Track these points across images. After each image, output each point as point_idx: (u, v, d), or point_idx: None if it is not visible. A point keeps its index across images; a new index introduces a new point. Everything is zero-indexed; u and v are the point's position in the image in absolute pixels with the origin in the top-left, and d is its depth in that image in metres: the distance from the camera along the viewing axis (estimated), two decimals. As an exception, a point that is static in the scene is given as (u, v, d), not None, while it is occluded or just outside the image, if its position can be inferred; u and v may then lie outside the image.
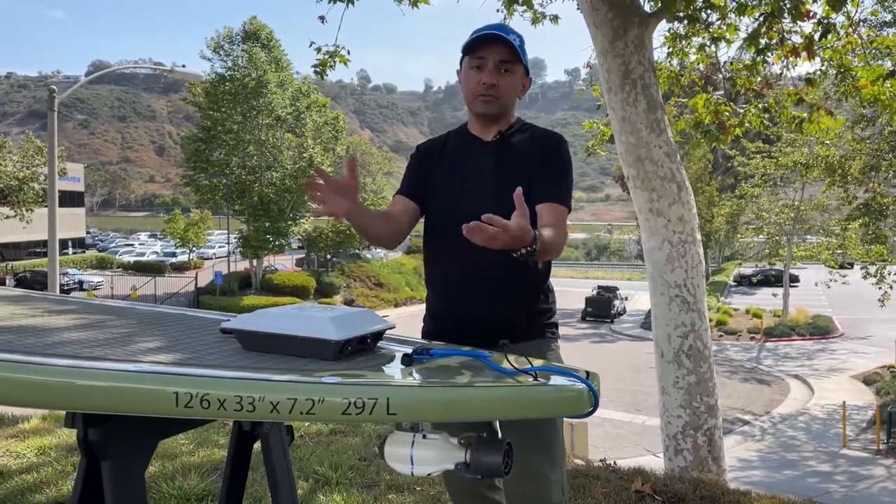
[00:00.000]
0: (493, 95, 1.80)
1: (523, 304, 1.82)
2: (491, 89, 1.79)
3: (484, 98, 1.81)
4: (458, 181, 1.86)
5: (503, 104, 1.83)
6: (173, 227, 41.71)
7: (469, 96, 1.84)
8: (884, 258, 18.00)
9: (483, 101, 1.82)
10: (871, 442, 13.28)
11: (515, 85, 1.83)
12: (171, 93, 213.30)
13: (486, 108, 1.83)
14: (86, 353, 1.38)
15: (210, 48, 30.29)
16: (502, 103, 1.83)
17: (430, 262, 1.92)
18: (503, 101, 1.82)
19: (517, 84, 1.84)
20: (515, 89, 1.84)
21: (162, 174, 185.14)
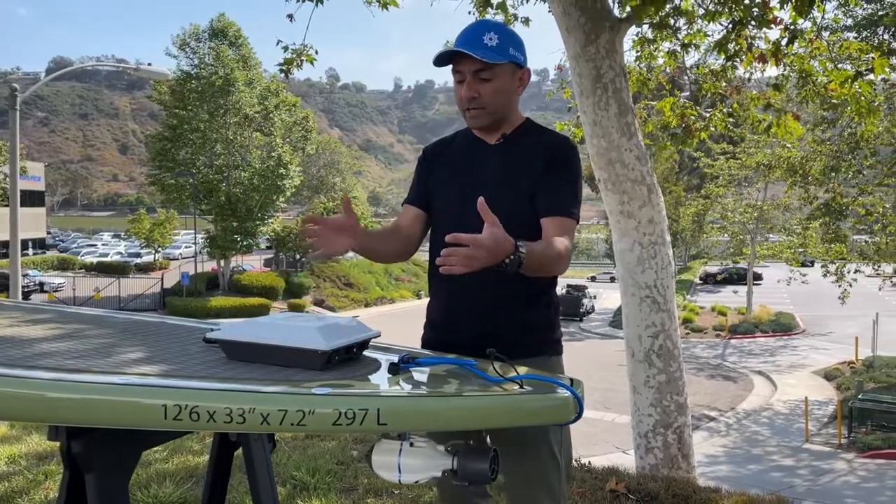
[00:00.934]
0: (478, 107, 1.74)
1: (521, 318, 1.76)
2: (472, 102, 1.74)
3: (470, 113, 1.77)
4: (459, 186, 1.81)
5: (492, 112, 1.76)
6: (138, 227, 41.01)
7: (460, 110, 1.80)
8: (843, 257, 18.45)
9: (470, 116, 1.78)
10: (832, 436, 13.61)
11: (501, 89, 1.74)
12: (134, 90, 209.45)
13: (473, 122, 1.79)
14: (68, 364, 1.36)
15: (176, 45, 29.83)
16: (490, 111, 1.76)
17: (431, 269, 1.85)
18: (490, 109, 1.75)
19: (504, 86, 1.75)
20: (503, 92, 1.75)
21: (125, 173, 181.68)
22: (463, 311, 1.77)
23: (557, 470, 1.72)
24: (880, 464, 11.52)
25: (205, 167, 29.86)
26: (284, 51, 5.80)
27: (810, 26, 6.09)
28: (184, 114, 29.32)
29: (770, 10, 5.16)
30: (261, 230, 31.78)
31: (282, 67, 5.78)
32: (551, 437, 1.70)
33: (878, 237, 17.70)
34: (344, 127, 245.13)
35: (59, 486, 1.40)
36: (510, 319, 1.74)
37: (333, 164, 55.12)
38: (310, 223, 1.61)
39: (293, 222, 36.56)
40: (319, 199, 45.89)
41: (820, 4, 5.19)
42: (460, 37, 1.75)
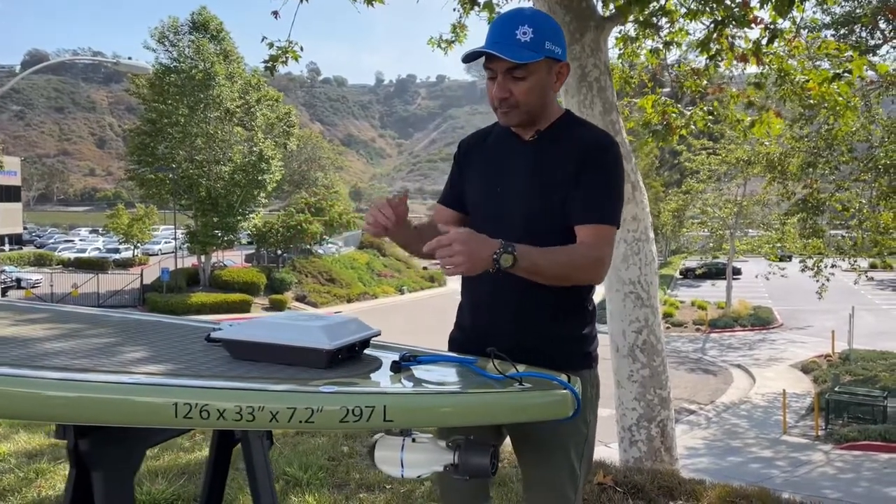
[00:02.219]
0: (509, 107, 1.66)
1: (550, 327, 1.68)
2: (503, 102, 1.65)
3: (501, 111, 1.68)
4: (491, 183, 1.75)
5: (524, 111, 1.67)
6: (116, 222, 40.57)
7: (491, 106, 1.72)
8: (821, 252, 18.73)
9: (502, 114, 1.69)
10: (809, 428, 13.86)
11: (536, 86, 1.64)
12: (111, 83, 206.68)
13: (505, 119, 1.71)
14: (75, 364, 1.38)
15: (154, 38, 29.49)
16: (522, 111, 1.67)
17: None
18: (523, 108, 1.66)
19: (539, 84, 1.64)
20: (538, 90, 1.65)
21: (103, 167, 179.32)
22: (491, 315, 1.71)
23: (574, 483, 1.69)
24: (857, 455, 11.76)
25: (185, 162, 29.58)
26: (270, 47, 5.80)
27: (790, 26, 6.20)
28: (163, 108, 29.01)
29: (750, 9, 5.25)
30: (242, 225, 31.57)
31: (267, 64, 5.76)
32: (570, 445, 1.68)
33: (854, 232, 17.98)
34: (325, 121, 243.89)
35: (65, 484, 1.43)
36: (541, 328, 1.67)
37: (315, 159, 54.89)
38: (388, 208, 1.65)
39: (275, 217, 36.38)
40: (301, 194, 45.68)
41: (799, 5, 5.29)
42: (492, 31, 1.65)
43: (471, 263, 1.44)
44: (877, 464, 11.18)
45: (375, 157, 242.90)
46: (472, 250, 1.44)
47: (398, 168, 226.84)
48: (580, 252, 1.60)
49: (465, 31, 7.37)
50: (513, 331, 1.65)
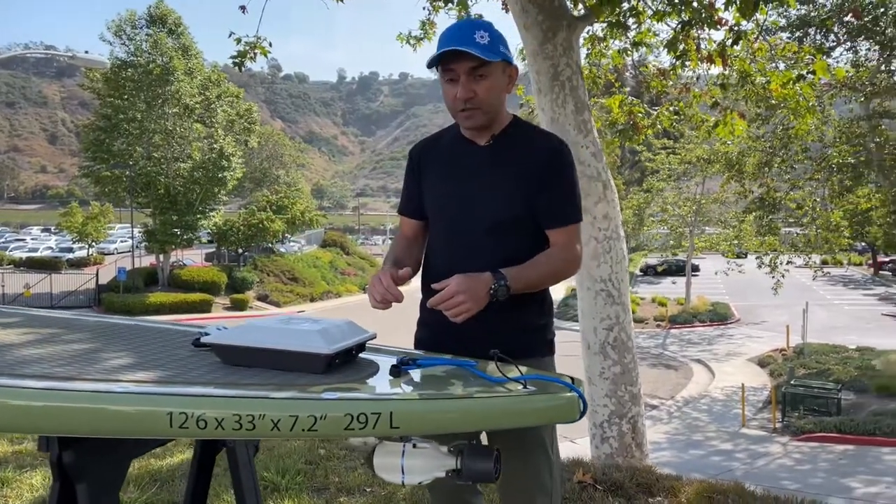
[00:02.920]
0: (473, 107, 1.69)
1: (519, 319, 1.75)
2: (468, 102, 1.68)
3: (464, 113, 1.71)
4: (449, 188, 1.79)
5: (486, 111, 1.71)
6: (70, 220, 39.45)
7: (451, 111, 1.75)
8: (776, 248, 19.21)
9: (465, 117, 1.72)
10: (767, 421, 14.20)
11: (495, 86, 1.70)
12: (64, 77, 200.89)
13: (469, 122, 1.73)
14: (58, 372, 1.32)
15: (111, 31, 28.72)
16: (485, 111, 1.71)
17: (426, 268, 1.86)
18: (485, 108, 1.70)
19: (497, 84, 1.71)
20: (497, 90, 1.71)
21: (55, 164, 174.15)
22: None
23: (550, 468, 1.74)
24: (813, 446, 12.08)
25: (142, 159, 28.88)
26: (237, 43, 5.68)
27: (753, 27, 6.33)
28: (119, 103, 28.25)
29: (715, 10, 5.34)
30: (202, 224, 30.97)
31: (235, 60, 5.65)
32: (545, 437, 1.73)
33: (808, 230, 18.48)
34: (286, 118, 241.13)
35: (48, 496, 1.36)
36: (507, 319, 1.72)
37: (276, 157, 54.19)
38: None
39: (236, 216, 35.81)
40: (262, 191, 45.05)
41: (763, 7, 5.40)
42: (449, 36, 1.69)
43: (475, 304, 1.54)
44: (832, 455, 11.51)
45: (338, 155, 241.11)
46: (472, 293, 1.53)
47: (361, 166, 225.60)
48: (559, 257, 1.72)
49: (433, 28, 7.36)
50: (485, 324, 1.67)
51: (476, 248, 1.73)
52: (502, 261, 1.67)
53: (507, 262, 1.67)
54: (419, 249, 1.88)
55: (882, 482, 9.81)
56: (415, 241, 1.89)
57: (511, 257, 1.69)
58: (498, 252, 1.71)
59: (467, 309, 1.52)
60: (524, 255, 1.70)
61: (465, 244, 1.74)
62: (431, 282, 1.77)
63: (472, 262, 1.68)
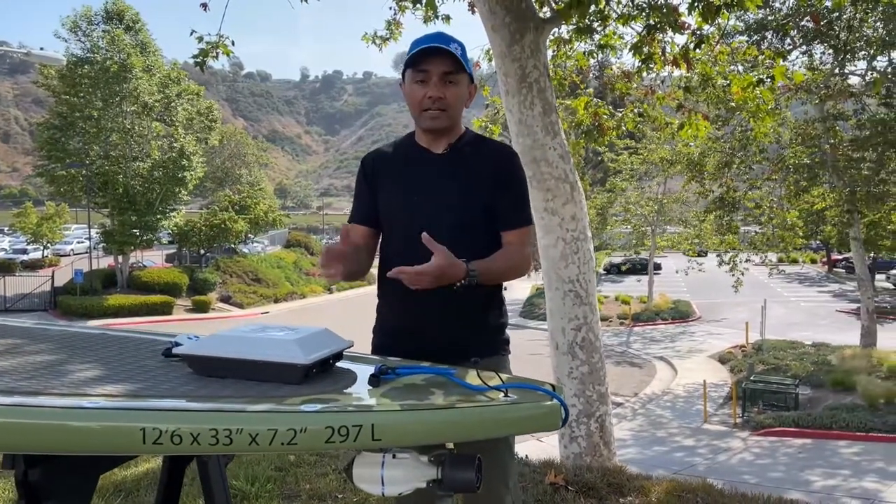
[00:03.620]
0: (441, 109, 1.77)
1: (478, 321, 1.83)
2: (437, 103, 1.76)
3: (431, 113, 1.77)
4: (407, 195, 1.83)
5: (451, 116, 1.80)
6: (24, 221, 38.37)
7: (415, 111, 1.80)
8: (735, 247, 19.61)
9: (430, 117, 1.78)
10: (728, 416, 14.48)
11: (462, 95, 1.80)
12: (17, 74, 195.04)
13: (433, 123, 1.80)
14: (22, 386, 1.27)
15: (66, 28, 27.97)
16: (450, 115, 1.79)
17: (381, 276, 1.87)
18: (451, 112, 1.79)
19: (463, 94, 1.81)
20: (462, 100, 1.81)
21: (7, 163, 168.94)
22: (420, 313, 1.79)
23: (512, 460, 1.84)
24: (772, 441, 12.37)
25: (99, 158, 28.18)
26: (199, 41, 5.58)
27: (714, 31, 6.44)
28: (75, 101, 27.51)
29: (678, 14, 5.42)
30: (162, 224, 30.37)
31: (197, 59, 5.54)
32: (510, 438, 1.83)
33: (765, 228, 18.92)
34: (248, 117, 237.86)
35: None
36: (469, 321, 1.80)
37: (239, 156, 53.43)
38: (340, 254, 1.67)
39: (197, 216, 35.21)
40: (224, 191, 44.36)
41: (724, 12, 5.49)
42: (428, 39, 1.76)
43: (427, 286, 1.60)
44: (791, 449, 11.79)
45: (301, 154, 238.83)
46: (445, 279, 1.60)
47: (325, 165, 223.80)
48: (513, 252, 1.81)
49: (399, 29, 7.34)
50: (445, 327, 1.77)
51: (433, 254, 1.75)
52: None
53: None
54: (366, 254, 1.89)
55: (839, 475, 10.09)
56: (364, 247, 1.89)
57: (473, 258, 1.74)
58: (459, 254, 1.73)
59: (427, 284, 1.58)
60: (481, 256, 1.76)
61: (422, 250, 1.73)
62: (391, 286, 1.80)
63: None
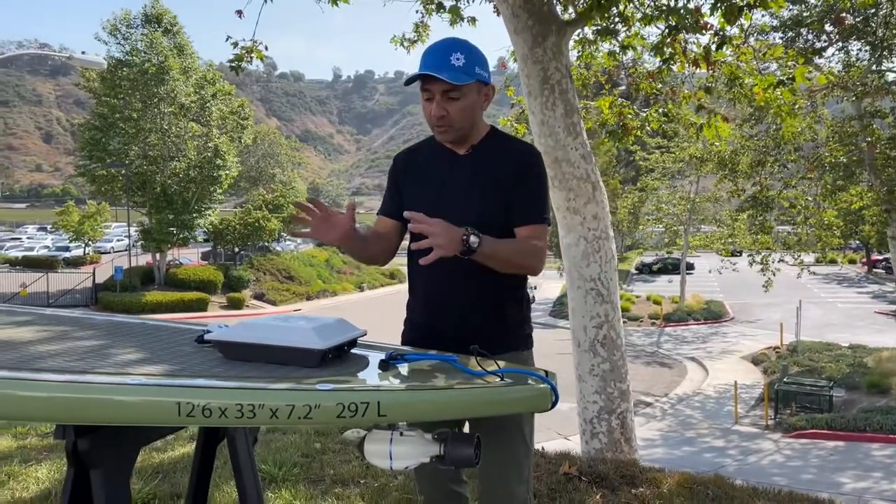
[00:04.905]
0: (446, 125, 1.83)
1: (500, 317, 1.88)
2: (441, 121, 1.82)
3: (438, 129, 1.86)
4: (433, 194, 1.90)
5: (458, 129, 1.85)
6: (66, 219, 39.45)
7: (428, 124, 1.89)
8: (768, 247, 19.34)
9: (439, 132, 1.87)
10: (759, 418, 14.35)
11: (468, 106, 1.83)
12: (59, 76, 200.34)
13: (441, 137, 1.89)
14: (73, 366, 1.43)
15: (106, 31, 28.76)
16: (457, 128, 1.85)
17: (411, 272, 1.97)
18: (457, 126, 1.84)
19: (471, 104, 1.84)
20: (470, 110, 1.84)
21: (50, 163, 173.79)
22: (442, 309, 1.88)
23: (528, 457, 1.88)
24: (804, 443, 12.23)
25: (138, 158, 28.95)
26: (234, 47, 5.79)
27: (738, 32, 6.45)
28: (115, 102, 28.32)
29: (701, 15, 5.46)
30: (198, 222, 31.05)
31: (232, 64, 5.75)
32: (524, 427, 1.87)
33: (799, 228, 18.62)
34: (282, 117, 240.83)
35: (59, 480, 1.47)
36: (488, 317, 1.86)
37: (272, 155, 54.21)
38: (311, 206, 1.77)
39: (232, 214, 35.87)
40: (258, 190, 45.09)
41: (747, 13, 5.52)
42: (428, 57, 1.82)
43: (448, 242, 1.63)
44: (823, 451, 11.66)
45: (333, 154, 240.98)
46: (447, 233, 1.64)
47: (356, 164, 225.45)
48: (524, 242, 1.84)
49: (427, 31, 7.47)
50: (468, 323, 1.83)
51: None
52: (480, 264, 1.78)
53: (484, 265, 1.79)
54: (387, 242, 1.98)
55: (871, 477, 9.96)
56: (384, 235, 1.99)
57: None
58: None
59: (440, 244, 1.61)
60: None
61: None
62: (417, 280, 1.93)
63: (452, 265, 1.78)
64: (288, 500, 2.83)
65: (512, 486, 1.85)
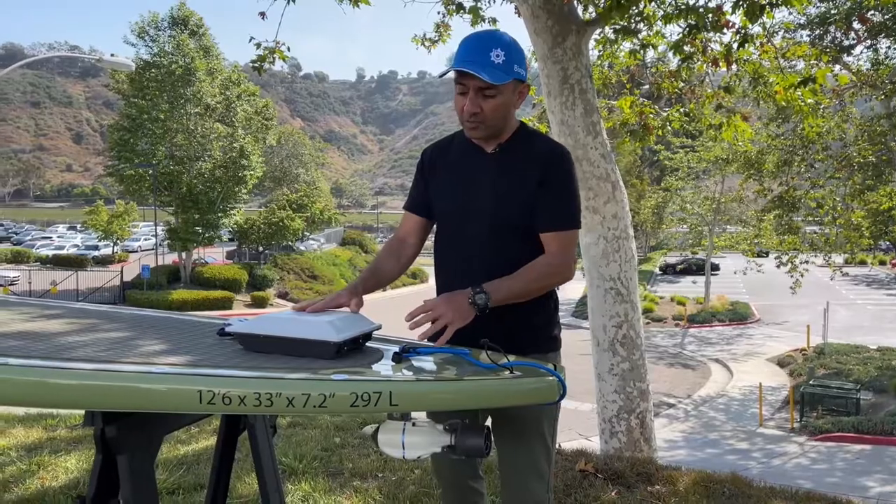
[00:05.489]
0: (478, 122, 1.79)
1: (526, 318, 1.84)
2: (473, 117, 1.78)
3: (469, 124, 1.82)
4: (458, 193, 1.89)
5: (490, 126, 1.81)
6: (95, 218, 40.21)
7: (459, 119, 1.84)
8: (796, 248, 19.09)
9: (469, 128, 1.83)
10: (785, 421, 14.19)
11: (503, 104, 1.78)
12: (88, 77, 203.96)
13: (471, 133, 1.85)
14: (101, 356, 1.50)
15: (135, 33, 29.28)
16: (489, 126, 1.81)
17: (437, 269, 1.97)
18: (489, 123, 1.80)
19: (506, 102, 1.79)
20: (503, 108, 1.80)
21: (80, 163, 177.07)
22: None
23: (548, 457, 1.88)
24: (830, 446, 12.07)
25: (165, 158, 29.42)
26: (257, 48, 5.89)
27: (760, 31, 6.40)
28: (143, 103, 28.82)
29: (723, 14, 5.43)
30: (223, 222, 31.46)
31: (255, 65, 5.85)
32: (545, 427, 1.86)
33: (828, 229, 18.34)
34: (306, 117, 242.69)
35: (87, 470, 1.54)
36: (516, 318, 1.81)
37: (296, 156, 54.69)
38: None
39: (256, 214, 36.29)
40: (282, 190, 45.54)
41: (769, 11, 5.47)
42: (466, 50, 1.76)
43: (457, 314, 1.63)
44: (849, 454, 11.50)
45: (357, 154, 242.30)
46: (451, 305, 1.63)
47: (379, 164, 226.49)
48: (546, 263, 1.79)
49: (448, 31, 7.52)
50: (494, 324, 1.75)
51: (481, 249, 1.84)
52: (505, 262, 1.79)
53: (509, 263, 1.79)
54: (410, 249, 2.01)
55: (898, 481, 9.82)
56: (409, 240, 2.01)
57: (516, 259, 1.80)
58: (503, 254, 1.82)
59: (450, 319, 1.60)
60: (527, 256, 1.81)
61: (471, 246, 1.86)
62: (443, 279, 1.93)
63: (477, 262, 1.82)
64: (307, 492, 2.89)
65: (531, 485, 1.85)
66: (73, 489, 2.86)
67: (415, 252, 2.03)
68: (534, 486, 1.85)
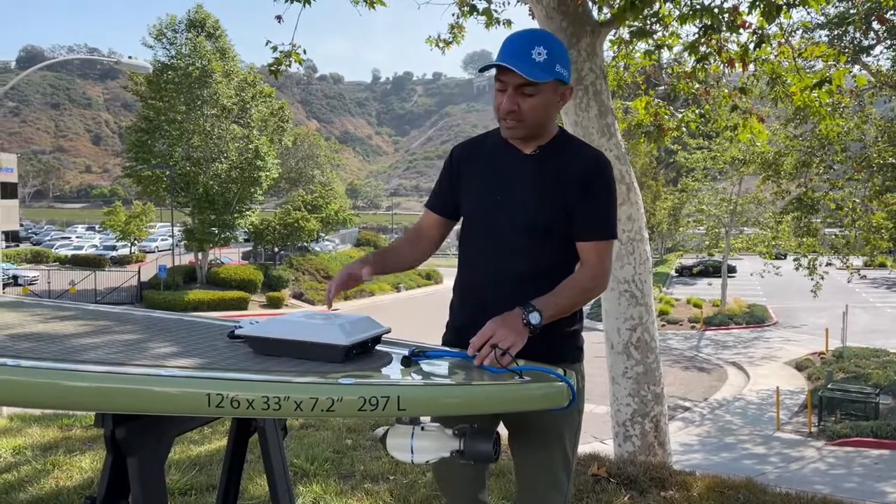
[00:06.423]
0: (515, 120, 1.73)
1: (559, 329, 1.78)
2: (510, 115, 1.72)
3: (506, 123, 1.75)
4: (492, 192, 1.82)
5: (528, 126, 1.74)
6: (113, 219, 40.68)
7: (496, 117, 1.79)
8: (815, 250, 18.87)
9: (506, 127, 1.77)
10: (802, 425, 14.04)
11: (542, 104, 1.71)
12: (107, 79, 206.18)
13: (508, 133, 1.78)
14: (112, 358, 1.51)
15: (152, 35, 29.57)
16: (527, 125, 1.74)
17: (460, 272, 1.91)
18: (528, 123, 1.73)
19: (545, 102, 1.72)
20: (543, 108, 1.73)
21: (99, 164, 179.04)
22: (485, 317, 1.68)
23: (566, 465, 1.83)
24: (848, 451, 11.94)
25: (182, 159, 29.68)
26: (274, 51, 5.91)
27: (777, 31, 6.33)
28: (161, 105, 29.11)
29: (739, 14, 5.38)
30: (239, 223, 31.68)
31: (271, 68, 5.88)
32: (566, 436, 1.81)
33: (847, 231, 18.11)
34: (321, 118, 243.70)
35: (101, 469, 1.55)
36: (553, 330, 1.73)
37: (312, 157, 54.94)
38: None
39: (272, 215, 36.51)
40: (298, 191, 45.76)
41: (786, 11, 5.41)
42: (508, 46, 1.71)
43: (517, 335, 1.55)
44: (868, 459, 11.36)
45: (372, 155, 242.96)
46: (508, 328, 1.55)
47: (395, 165, 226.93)
48: (586, 276, 1.76)
49: (462, 32, 7.51)
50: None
51: (514, 252, 1.79)
52: (539, 265, 1.76)
53: (543, 266, 1.76)
54: (427, 244, 1.97)
55: (917, 488, 9.68)
56: (426, 234, 1.97)
57: (548, 262, 1.77)
58: (535, 257, 1.77)
59: (512, 342, 1.53)
60: (560, 260, 1.79)
61: (503, 248, 1.80)
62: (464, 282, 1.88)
63: (510, 265, 1.78)
64: (319, 494, 2.89)
65: (548, 495, 1.81)
66: (86, 489, 2.89)
67: (432, 247, 1.98)
68: (551, 496, 1.81)
